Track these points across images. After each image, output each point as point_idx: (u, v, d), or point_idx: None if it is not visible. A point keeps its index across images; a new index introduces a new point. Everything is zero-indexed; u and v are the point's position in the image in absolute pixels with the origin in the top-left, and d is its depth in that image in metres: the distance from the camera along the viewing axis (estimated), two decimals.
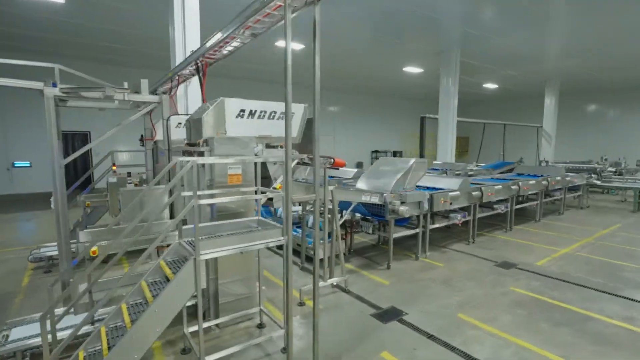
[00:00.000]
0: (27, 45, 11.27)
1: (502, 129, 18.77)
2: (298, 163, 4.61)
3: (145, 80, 4.51)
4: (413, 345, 3.66)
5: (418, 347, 3.64)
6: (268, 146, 4.66)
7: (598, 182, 11.12)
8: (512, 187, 7.79)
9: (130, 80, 4.85)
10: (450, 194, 6.33)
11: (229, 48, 4.03)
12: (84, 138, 13.33)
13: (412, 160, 6.06)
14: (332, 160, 4.15)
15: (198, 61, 4.52)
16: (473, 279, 5.40)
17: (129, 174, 5.56)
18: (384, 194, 5.56)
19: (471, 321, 4.18)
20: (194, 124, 4.09)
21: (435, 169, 11.66)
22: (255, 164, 4.19)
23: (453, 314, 4.35)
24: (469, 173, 11.34)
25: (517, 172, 10.32)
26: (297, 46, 11.37)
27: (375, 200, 5.53)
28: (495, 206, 7.61)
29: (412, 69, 14.88)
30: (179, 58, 6.23)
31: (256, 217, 3.84)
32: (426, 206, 5.99)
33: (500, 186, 7.43)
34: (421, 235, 6.23)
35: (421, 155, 14.95)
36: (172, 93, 5.59)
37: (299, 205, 6.83)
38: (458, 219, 6.52)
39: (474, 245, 7.15)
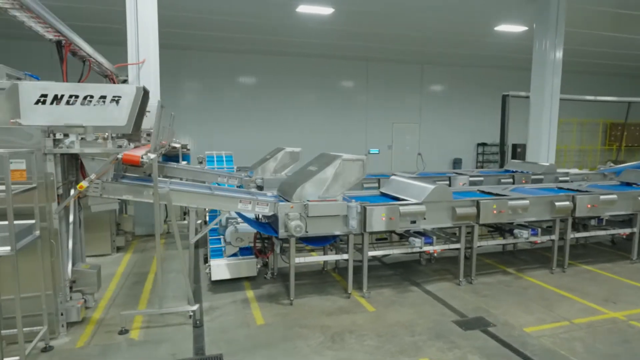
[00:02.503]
0: None
1: None
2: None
3: None
4: None
5: None
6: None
7: None
8: (558, 203, 6.06)
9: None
10: (402, 208, 5.32)
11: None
12: None
13: (339, 158, 5.33)
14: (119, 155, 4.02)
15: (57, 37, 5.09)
16: (383, 337, 4.46)
17: None
18: (277, 203, 5.07)
19: None
20: None
21: (508, 171, 9.86)
22: (65, 157, 4.43)
23: None
24: (561, 178, 9.34)
25: (623, 179, 7.88)
26: (325, 10, 11.05)
27: (263, 210, 5.09)
28: (516, 232, 6.04)
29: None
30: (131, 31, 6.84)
31: (32, 222, 4.05)
32: (353, 224, 5.20)
33: (525, 201, 5.88)
34: (351, 265, 5.45)
35: (501, 149, 12.79)
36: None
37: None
38: (416, 244, 5.42)
39: (468, 287, 5.83)
